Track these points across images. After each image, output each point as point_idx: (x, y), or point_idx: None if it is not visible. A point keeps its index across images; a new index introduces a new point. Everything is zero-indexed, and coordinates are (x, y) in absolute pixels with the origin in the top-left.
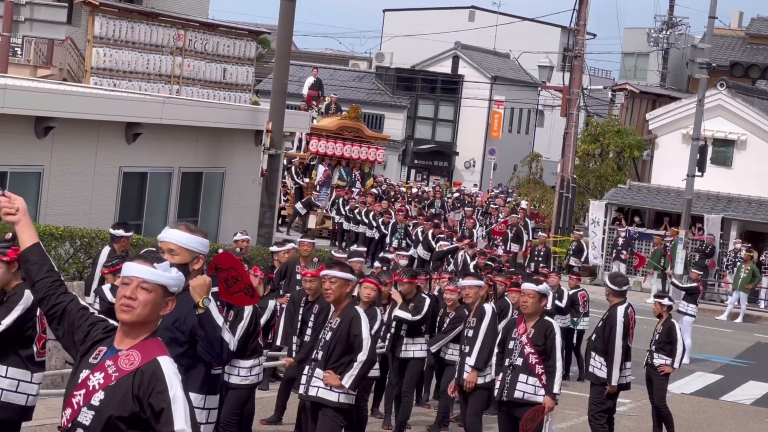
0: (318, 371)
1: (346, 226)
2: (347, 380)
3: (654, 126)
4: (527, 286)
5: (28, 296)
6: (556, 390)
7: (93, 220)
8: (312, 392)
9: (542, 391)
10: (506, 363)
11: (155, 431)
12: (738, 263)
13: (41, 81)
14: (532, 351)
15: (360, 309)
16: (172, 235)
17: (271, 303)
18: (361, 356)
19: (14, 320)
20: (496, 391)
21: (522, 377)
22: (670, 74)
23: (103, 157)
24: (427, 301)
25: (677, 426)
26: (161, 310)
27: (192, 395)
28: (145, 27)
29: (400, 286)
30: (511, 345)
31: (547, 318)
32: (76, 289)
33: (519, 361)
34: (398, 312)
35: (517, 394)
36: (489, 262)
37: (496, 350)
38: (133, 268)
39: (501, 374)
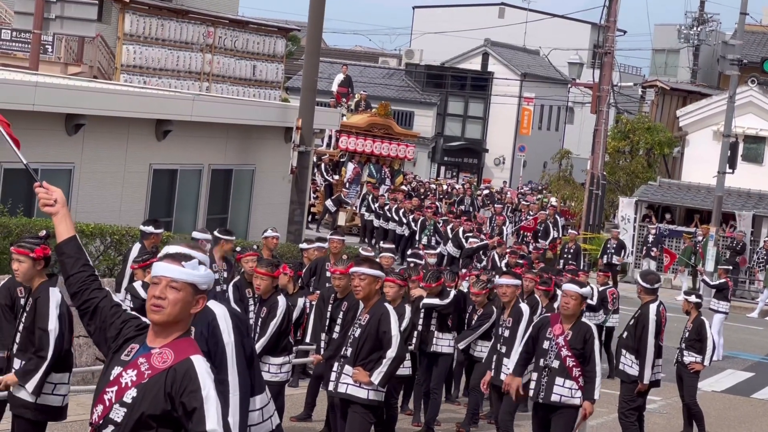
0: (347, 368)
1: (376, 223)
2: (376, 377)
3: (684, 123)
4: (570, 287)
5: (53, 293)
6: (596, 396)
7: (123, 217)
8: (341, 389)
9: (579, 394)
10: (541, 363)
11: (187, 430)
12: None
13: (72, 78)
14: (570, 354)
15: (389, 306)
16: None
17: (301, 300)
18: (390, 353)
19: (57, 321)
20: (531, 392)
21: (559, 380)
22: (700, 71)
23: (134, 155)
24: (453, 292)
25: (708, 423)
26: (192, 308)
27: (263, 396)
28: (175, 24)
29: (429, 289)
30: (545, 345)
31: (584, 321)
32: (106, 286)
33: (555, 364)
34: (427, 300)
35: (554, 398)
36: (519, 261)
37: (522, 347)
38: (161, 268)
39: (536, 375)
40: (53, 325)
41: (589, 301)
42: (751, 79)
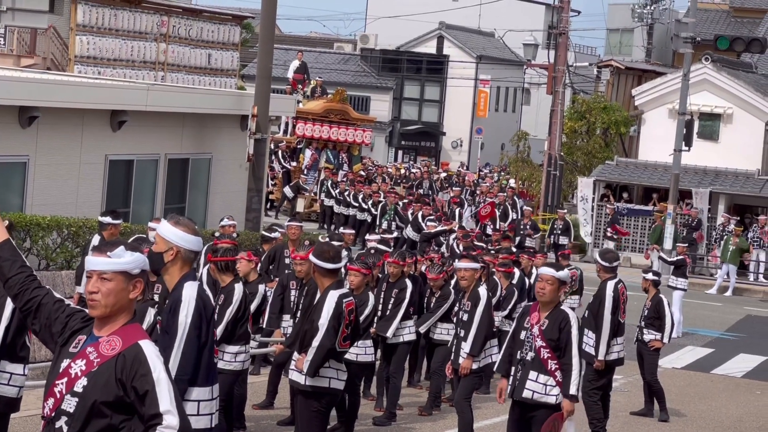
0: (296, 355)
1: (336, 209)
2: (305, 366)
3: (640, 101)
4: (546, 270)
5: None
6: (573, 391)
7: (80, 209)
8: (290, 375)
9: (555, 391)
10: (518, 356)
11: (140, 414)
12: (726, 236)
13: (25, 70)
14: (544, 344)
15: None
16: (158, 225)
17: (261, 287)
18: (314, 342)
19: (10, 314)
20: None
21: (532, 374)
22: (655, 49)
23: (89, 146)
24: (409, 288)
25: (669, 400)
26: (130, 294)
27: (205, 389)
28: (128, 14)
29: (389, 266)
30: (522, 335)
31: (563, 308)
32: (65, 278)
33: (529, 356)
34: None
35: (526, 394)
36: (477, 243)
37: (506, 342)
38: (90, 262)
39: (513, 369)
40: (6, 322)
41: None
42: (705, 57)
